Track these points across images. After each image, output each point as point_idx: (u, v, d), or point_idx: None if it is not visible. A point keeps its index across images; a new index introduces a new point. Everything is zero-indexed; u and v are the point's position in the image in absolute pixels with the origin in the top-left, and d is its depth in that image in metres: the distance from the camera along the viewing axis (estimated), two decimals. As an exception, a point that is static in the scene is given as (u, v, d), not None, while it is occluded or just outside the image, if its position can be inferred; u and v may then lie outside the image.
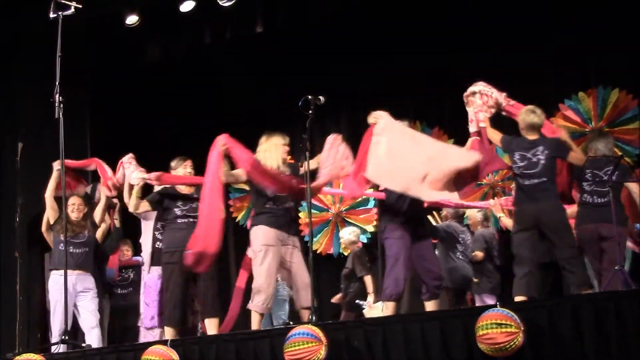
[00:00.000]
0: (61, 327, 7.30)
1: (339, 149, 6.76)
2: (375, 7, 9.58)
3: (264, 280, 6.54)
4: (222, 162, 6.67)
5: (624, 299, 5.36)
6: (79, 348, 6.90)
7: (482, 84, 6.86)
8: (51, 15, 6.97)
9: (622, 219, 6.81)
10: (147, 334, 7.43)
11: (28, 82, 9.40)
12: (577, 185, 6.87)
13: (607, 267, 6.62)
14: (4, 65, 9.46)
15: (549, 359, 5.35)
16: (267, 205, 6.67)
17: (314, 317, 6.07)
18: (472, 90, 6.83)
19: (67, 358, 6.69)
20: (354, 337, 5.77)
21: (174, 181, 7.27)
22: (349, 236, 9.36)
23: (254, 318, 6.62)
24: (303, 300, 6.63)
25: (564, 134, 6.65)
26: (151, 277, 7.48)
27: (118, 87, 10.50)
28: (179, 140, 10.48)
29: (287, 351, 5.60)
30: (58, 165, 7.53)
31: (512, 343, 5.21)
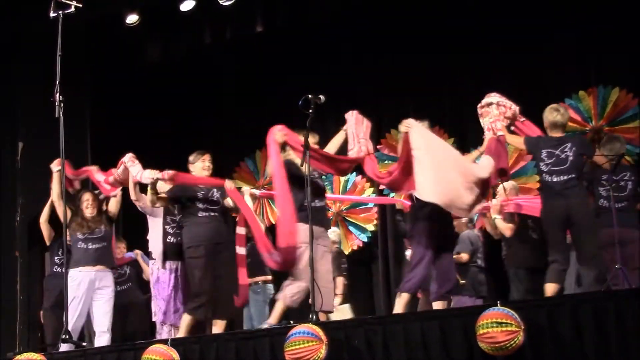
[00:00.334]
0: (76, 323, 7.26)
1: (364, 123, 6.84)
2: (375, 7, 9.58)
3: (303, 277, 6.49)
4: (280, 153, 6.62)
5: (624, 299, 5.35)
6: (79, 347, 6.88)
7: (498, 95, 6.86)
8: (51, 15, 6.96)
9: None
10: (162, 329, 7.38)
11: (28, 81, 9.42)
12: (593, 189, 6.89)
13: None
14: (4, 65, 9.48)
15: (549, 358, 5.34)
16: (304, 203, 6.59)
17: (314, 317, 6.07)
18: (488, 102, 6.82)
19: (67, 357, 6.67)
20: (354, 336, 5.76)
21: (187, 181, 7.19)
22: (330, 237, 9.41)
23: (279, 307, 6.59)
24: (319, 304, 6.56)
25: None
26: (164, 273, 7.37)
27: (118, 86, 10.51)
28: (179, 140, 10.49)
29: (288, 350, 5.59)
30: (57, 167, 7.52)
31: (513, 342, 5.20)
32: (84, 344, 7.02)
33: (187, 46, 10.14)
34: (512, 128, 6.89)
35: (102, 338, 7.38)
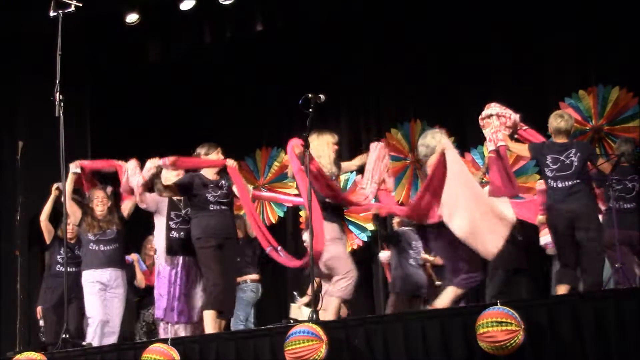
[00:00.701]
0: (102, 313, 7.30)
1: (384, 161, 6.84)
2: (374, 7, 9.58)
3: (348, 269, 6.58)
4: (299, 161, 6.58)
5: (624, 298, 5.36)
6: (79, 347, 6.88)
7: (497, 106, 6.85)
8: (51, 14, 6.97)
9: None
10: (165, 326, 7.32)
11: (28, 80, 9.43)
12: (603, 192, 6.94)
13: None
14: (4, 64, 9.47)
15: (549, 357, 5.34)
16: (327, 200, 6.64)
17: (314, 316, 6.07)
18: (488, 113, 6.79)
19: (67, 357, 6.67)
20: (354, 335, 5.76)
21: (190, 165, 7.12)
22: None
23: (335, 303, 6.55)
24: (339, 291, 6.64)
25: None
26: (165, 268, 7.30)
27: (118, 85, 10.52)
28: (178, 139, 10.47)
29: (288, 349, 5.59)
30: (74, 168, 7.48)
31: (513, 341, 5.21)
32: (84, 344, 7.01)
33: (187, 45, 10.14)
34: (516, 136, 6.90)
35: (110, 338, 7.35)
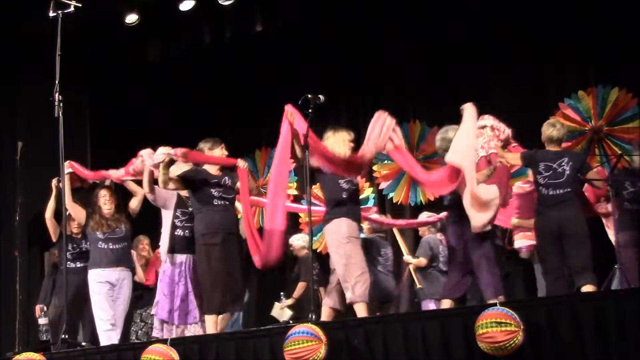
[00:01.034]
0: (112, 314, 7.24)
1: (386, 122, 6.71)
2: (374, 7, 9.58)
3: (358, 269, 6.46)
4: (291, 137, 6.50)
5: (624, 298, 5.36)
6: (78, 347, 6.87)
7: (492, 118, 6.89)
8: (51, 14, 6.96)
9: None
10: (162, 327, 7.21)
11: (28, 81, 9.43)
12: (616, 194, 7.02)
13: None
14: (4, 64, 9.47)
15: (549, 357, 5.34)
16: (344, 196, 6.60)
17: (314, 316, 6.07)
18: (483, 124, 6.81)
19: (66, 357, 6.67)
20: (353, 336, 5.76)
21: (200, 159, 7.06)
22: (299, 242, 9.44)
23: (360, 308, 6.47)
24: (329, 300, 6.66)
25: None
26: (169, 267, 7.21)
27: (118, 86, 10.52)
28: (178, 139, 10.45)
29: (287, 350, 5.60)
30: (67, 168, 7.40)
31: (512, 342, 5.21)
32: (84, 344, 7.01)
33: (187, 46, 10.14)
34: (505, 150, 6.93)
35: (115, 332, 7.30)
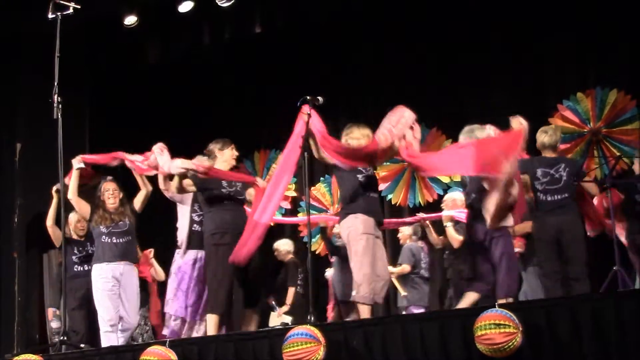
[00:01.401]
0: (112, 316, 7.16)
1: (404, 114, 6.69)
2: (373, 8, 9.58)
3: (369, 271, 6.37)
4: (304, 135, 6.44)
5: (623, 299, 5.36)
6: (77, 349, 6.87)
7: (493, 128, 6.76)
8: (50, 16, 6.96)
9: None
10: (174, 324, 7.15)
11: (27, 82, 9.42)
12: (626, 199, 7.10)
13: None
14: (3, 65, 9.47)
15: (548, 359, 5.34)
16: (361, 191, 6.55)
17: (312, 318, 6.07)
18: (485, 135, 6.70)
19: (65, 359, 6.66)
20: (352, 337, 5.76)
21: (222, 176, 6.99)
22: (285, 247, 9.44)
23: (363, 309, 6.42)
24: (381, 293, 6.55)
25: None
26: (186, 262, 7.15)
27: (117, 87, 10.52)
28: (177, 140, 10.46)
29: (286, 351, 5.60)
30: (78, 163, 7.39)
31: (511, 343, 5.21)
32: (82, 346, 7.00)
33: (186, 47, 10.14)
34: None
35: (129, 330, 7.27)
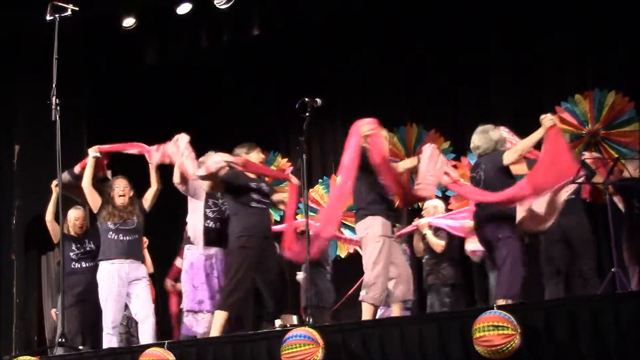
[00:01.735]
0: (115, 318, 7.10)
1: (439, 159, 6.74)
2: (372, 9, 9.59)
3: (383, 274, 6.38)
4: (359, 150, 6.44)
5: (621, 301, 5.36)
6: (75, 350, 6.86)
7: (507, 130, 6.96)
8: (48, 18, 6.96)
9: None
10: (194, 319, 7.07)
11: (26, 84, 9.43)
12: (624, 202, 7.24)
13: None
14: (1, 66, 9.47)
15: (546, 361, 5.36)
16: (383, 195, 6.56)
17: (310, 319, 6.07)
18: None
19: (63, 361, 6.67)
20: (351, 339, 5.77)
21: (258, 170, 7.05)
22: None
23: (367, 310, 6.41)
24: (403, 293, 6.54)
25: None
26: (199, 258, 7.08)
27: (115, 89, 10.52)
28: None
29: (284, 353, 5.60)
30: (94, 152, 7.38)
31: (509, 345, 5.21)
32: (80, 348, 7.00)
33: (184, 49, 10.14)
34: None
35: (146, 323, 7.14)
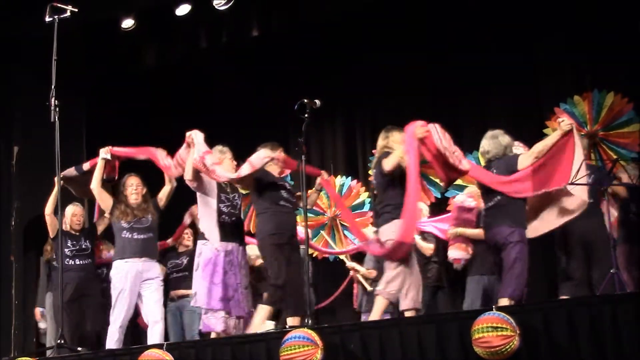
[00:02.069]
0: (125, 317, 7.04)
1: (446, 136, 6.68)
2: (371, 10, 9.59)
3: (402, 272, 6.44)
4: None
5: (619, 303, 5.37)
6: (74, 352, 6.86)
7: (522, 145, 7.08)
8: (47, 19, 6.96)
9: None
10: (213, 317, 6.95)
11: (24, 85, 9.42)
12: (621, 206, 7.33)
13: None
14: (0, 67, 9.47)
15: (545, 362, 5.36)
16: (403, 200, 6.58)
17: (309, 321, 6.07)
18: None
19: (62, 362, 6.67)
20: (350, 340, 5.77)
21: (291, 166, 7.20)
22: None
23: (381, 304, 6.45)
24: (413, 301, 6.54)
25: None
26: (216, 255, 6.98)
27: (114, 90, 10.51)
28: (175, 144, 10.46)
29: (283, 355, 5.61)
30: (104, 154, 7.35)
31: (508, 346, 5.22)
32: (79, 349, 6.99)
33: (183, 50, 10.14)
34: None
35: (154, 328, 7.10)
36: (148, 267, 7.20)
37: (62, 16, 6.97)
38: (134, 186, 7.32)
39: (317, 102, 6.53)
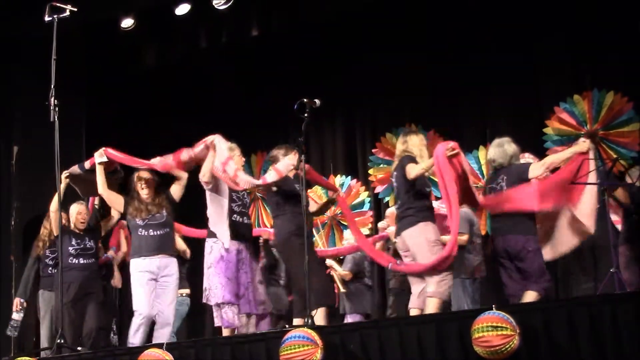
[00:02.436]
0: (145, 310, 6.91)
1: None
2: (370, 10, 9.59)
3: (446, 273, 6.46)
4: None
5: (619, 302, 5.37)
6: (74, 352, 6.85)
7: (531, 156, 7.12)
8: (46, 19, 6.95)
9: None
10: (230, 310, 6.86)
11: (24, 85, 9.42)
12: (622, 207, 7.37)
13: None
14: (1, 66, 9.47)
15: (545, 361, 5.36)
16: (427, 203, 6.62)
17: (309, 320, 6.07)
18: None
19: (62, 362, 6.66)
20: (350, 340, 5.77)
21: (314, 177, 7.25)
22: None
23: (435, 304, 6.43)
24: (417, 301, 6.58)
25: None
26: (230, 253, 6.91)
27: (114, 90, 10.52)
28: (175, 144, 10.45)
29: (283, 354, 5.60)
30: (100, 157, 7.21)
31: (508, 346, 5.21)
32: (79, 349, 6.98)
33: (183, 50, 10.14)
34: None
35: (162, 331, 7.01)
36: (166, 263, 7.07)
37: (61, 16, 6.95)
38: (143, 181, 7.16)
39: (317, 101, 6.52)
